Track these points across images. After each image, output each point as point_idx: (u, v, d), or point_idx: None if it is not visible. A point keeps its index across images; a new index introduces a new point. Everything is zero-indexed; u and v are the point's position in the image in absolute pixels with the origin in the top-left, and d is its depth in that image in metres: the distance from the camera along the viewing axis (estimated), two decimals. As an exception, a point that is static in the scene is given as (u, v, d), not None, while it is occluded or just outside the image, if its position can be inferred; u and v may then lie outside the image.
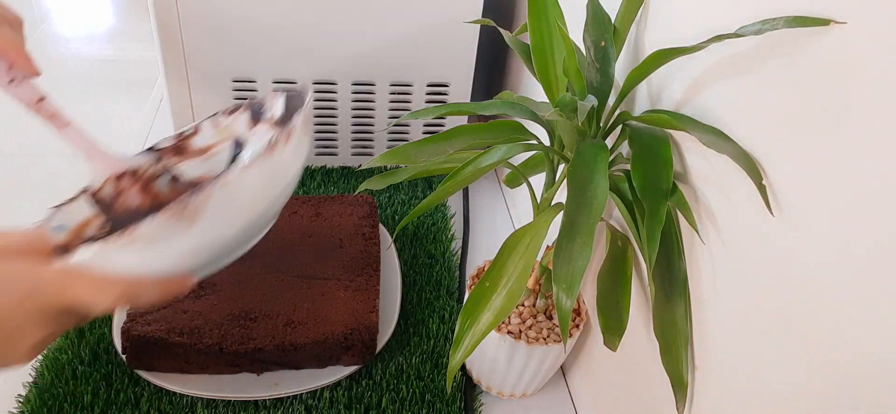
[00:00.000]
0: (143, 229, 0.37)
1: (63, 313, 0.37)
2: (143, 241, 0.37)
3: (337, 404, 0.62)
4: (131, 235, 0.37)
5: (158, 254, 0.39)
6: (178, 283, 0.41)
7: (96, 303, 0.37)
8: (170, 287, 0.41)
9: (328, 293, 0.66)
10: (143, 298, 0.39)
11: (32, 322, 0.36)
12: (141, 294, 0.39)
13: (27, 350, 0.36)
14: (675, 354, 0.45)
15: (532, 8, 0.50)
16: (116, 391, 0.61)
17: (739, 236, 0.41)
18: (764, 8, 0.37)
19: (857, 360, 0.32)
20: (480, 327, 0.47)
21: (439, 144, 0.51)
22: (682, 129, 0.42)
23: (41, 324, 0.36)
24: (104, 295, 0.37)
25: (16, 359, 0.37)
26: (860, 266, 0.32)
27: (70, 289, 0.36)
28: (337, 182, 0.93)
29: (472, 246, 0.86)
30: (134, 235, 0.37)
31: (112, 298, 0.38)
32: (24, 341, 0.36)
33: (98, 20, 1.46)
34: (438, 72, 0.87)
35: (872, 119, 0.31)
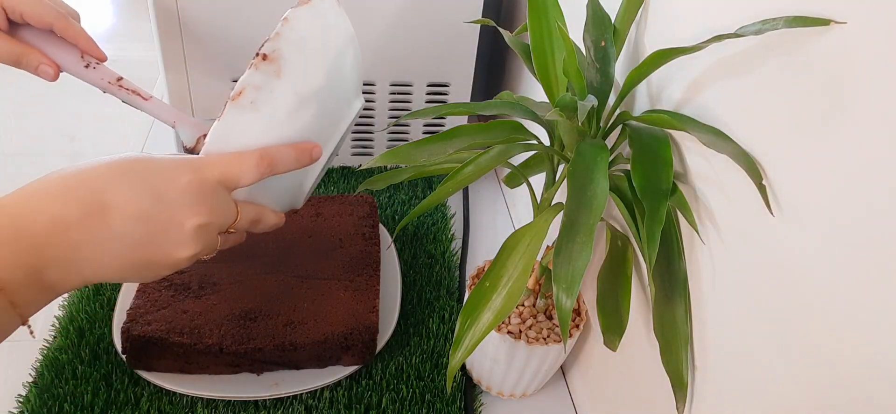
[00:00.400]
0: (240, 86, 0.42)
1: (214, 190, 0.40)
2: (246, 100, 0.42)
3: (337, 404, 0.62)
4: (233, 97, 0.42)
5: (269, 115, 0.43)
6: (308, 149, 0.45)
7: (241, 172, 0.41)
8: (302, 153, 0.45)
9: (328, 293, 0.66)
10: (281, 164, 0.43)
11: (188, 203, 0.38)
12: (277, 159, 0.43)
13: (192, 231, 0.39)
14: (675, 354, 0.45)
15: (532, 8, 0.50)
16: (116, 391, 0.61)
17: (739, 236, 0.41)
18: (764, 8, 0.37)
19: (856, 359, 0.32)
20: (480, 327, 0.47)
21: (439, 144, 0.51)
22: (682, 129, 0.42)
23: (197, 204, 0.39)
24: (245, 164, 0.41)
25: (183, 242, 0.39)
26: (860, 266, 0.32)
27: (215, 165, 0.41)
28: (337, 182, 0.93)
29: (472, 246, 0.86)
30: (235, 96, 0.42)
31: (252, 165, 0.42)
32: (185, 223, 0.39)
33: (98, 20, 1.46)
34: (438, 72, 0.87)
35: (872, 119, 0.31)
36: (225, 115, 0.42)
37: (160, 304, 0.63)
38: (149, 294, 0.64)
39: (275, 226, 0.49)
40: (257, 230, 0.47)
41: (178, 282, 0.66)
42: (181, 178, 0.39)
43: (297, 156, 0.45)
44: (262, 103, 0.43)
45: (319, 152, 0.46)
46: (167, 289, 0.65)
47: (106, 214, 0.36)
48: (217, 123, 0.43)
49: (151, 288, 0.65)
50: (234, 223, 0.44)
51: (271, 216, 0.48)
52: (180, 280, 0.66)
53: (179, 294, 0.65)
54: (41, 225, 0.34)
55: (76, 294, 0.70)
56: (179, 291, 0.65)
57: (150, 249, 0.38)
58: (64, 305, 0.70)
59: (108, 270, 0.38)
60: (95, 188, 0.36)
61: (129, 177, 0.37)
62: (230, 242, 0.47)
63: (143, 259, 0.38)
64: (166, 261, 0.40)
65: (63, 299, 0.71)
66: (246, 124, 0.43)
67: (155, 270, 0.40)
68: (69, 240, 0.35)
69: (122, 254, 0.37)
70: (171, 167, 0.39)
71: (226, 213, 0.42)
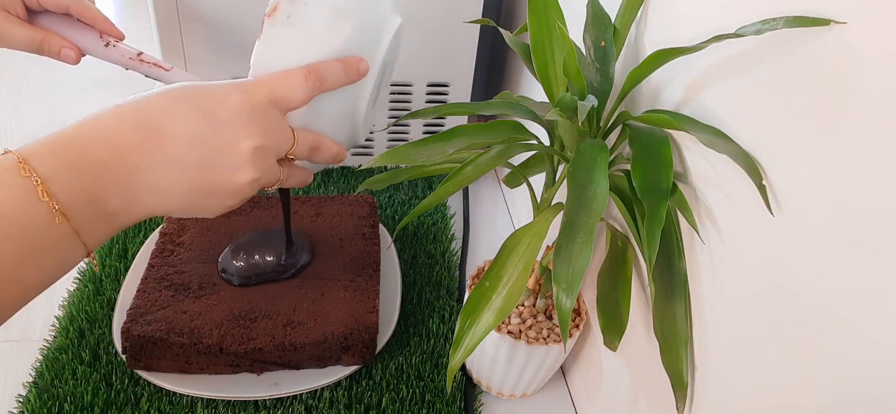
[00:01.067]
0: (274, 2, 0.42)
1: (266, 110, 0.40)
2: (282, 15, 0.42)
3: (337, 404, 0.62)
4: (268, 13, 0.42)
5: (306, 29, 0.43)
6: (355, 62, 0.45)
7: (289, 89, 0.41)
8: (349, 66, 0.45)
9: (328, 293, 0.66)
10: (329, 78, 0.43)
11: (241, 124, 0.38)
12: (325, 74, 0.43)
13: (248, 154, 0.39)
14: (675, 354, 0.45)
15: (532, 8, 0.50)
16: (116, 391, 0.61)
17: (739, 236, 0.41)
18: (764, 8, 0.37)
19: (857, 359, 0.32)
20: (480, 327, 0.47)
21: (439, 144, 0.51)
22: (682, 129, 0.42)
23: (250, 124, 0.39)
24: (292, 80, 0.41)
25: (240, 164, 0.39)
26: (860, 266, 0.32)
27: (264, 85, 0.41)
28: (337, 182, 0.93)
29: (472, 246, 0.86)
30: (271, 12, 0.42)
31: (300, 80, 0.41)
32: (240, 144, 0.38)
33: (98, 20, 1.46)
34: (438, 72, 0.87)
35: (872, 119, 0.31)
36: (263, 33, 0.42)
37: (160, 304, 0.63)
38: (149, 294, 0.64)
39: (336, 157, 0.48)
40: (318, 160, 0.47)
41: (178, 282, 0.66)
42: (232, 99, 0.39)
43: (345, 69, 0.44)
44: (297, 17, 0.43)
45: (366, 67, 0.46)
46: (167, 289, 0.65)
47: (161, 138, 0.36)
48: (258, 43, 0.42)
49: (151, 288, 0.65)
50: (292, 149, 0.43)
51: (331, 145, 0.47)
52: (180, 280, 0.66)
53: (179, 294, 0.65)
54: (98, 150, 0.35)
55: (76, 294, 0.70)
56: (179, 291, 0.65)
57: (207, 172, 0.38)
58: (64, 305, 0.70)
59: (169, 197, 0.37)
60: (150, 113, 0.37)
61: (181, 102, 0.38)
62: (295, 178, 0.47)
63: (203, 184, 0.38)
64: (226, 186, 0.39)
65: (63, 299, 0.71)
66: (285, 41, 0.43)
67: (218, 198, 0.40)
68: (127, 164, 0.35)
69: (180, 179, 0.37)
70: (221, 90, 0.39)
71: (281, 135, 0.42)
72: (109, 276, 0.72)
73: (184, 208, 0.39)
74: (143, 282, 0.66)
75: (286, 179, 0.46)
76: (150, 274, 0.67)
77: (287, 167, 0.45)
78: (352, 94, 0.48)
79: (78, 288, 0.71)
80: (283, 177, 0.44)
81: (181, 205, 0.38)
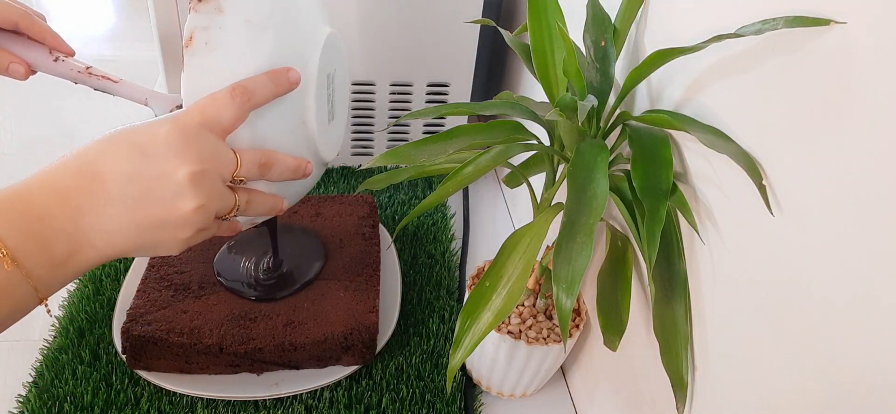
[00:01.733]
0: (188, 32, 0.42)
1: (197, 134, 0.40)
2: (200, 43, 0.42)
3: (337, 404, 0.62)
4: (186, 44, 0.42)
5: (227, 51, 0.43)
6: (283, 72, 0.45)
7: (217, 109, 0.41)
8: (277, 76, 0.44)
9: (328, 293, 0.66)
10: (259, 92, 0.43)
11: (173, 153, 0.38)
12: (252, 88, 0.43)
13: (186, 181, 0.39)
14: (675, 354, 0.45)
15: (532, 8, 0.50)
16: (116, 391, 0.61)
17: (739, 236, 0.41)
18: (764, 8, 0.37)
19: (856, 359, 0.32)
20: (480, 327, 0.47)
21: (439, 144, 0.51)
22: (682, 129, 0.42)
23: (182, 151, 0.39)
24: (218, 100, 0.41)
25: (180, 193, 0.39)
26: (860, 266, 0.32)
27: (191, 111, 0.41)
28: (337, 182, 0.93)
29: (472, 246, 0.86)
30: (187, 43, 0.42)
31: (226, 98, 0.41)
32: (176, 173, 0.39)
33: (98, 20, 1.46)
34: (438, 72, 0.87)
35: (873, 119, 0.31)
36: (185, 65, 0.42)
37: (160, 304, 0.63)
38: (149, 294, 0.64)
39: (296, 171, 0.48)
40: (273, 177, 0.46)
41: (178, 282, 0.66)
42: (162, 130, 0.39)
43: (273, 80, 0.44)
44: (215, 42, 0.43)
45: (297, 76, 0.45)
46: (167, 289, 0.65)
47: (100, 178, 0.37)
48: (183, 75, 0.43)
49: (151, 288, 0.65)
50: (238, 170, 0.43)
51: (286, 159, 0.47)
52: (180, 280, 0.66)
53: (179, 294, 0.65)
54: (43, 197, 0.36)
55: (76, 294, 0.70)
56: (179, 291, 0.65)
57: (150, 206, 0.38)
58: (64, 305, 0.70)
59: (118, 236, 0.38)
60: (88, 158, 0.38)
61: (115, 142, 0.38)
62: (260, 203, 0.47)
63: (147, 218, 0.39)
64: (171, 216, 0.39)
65: (63, 299, 0.71)
66: (208, 67, 0.43)
67: (168, 231, 0.40)
68: (70, 206, 0.37)
69: (124, 216, 0.38)
70: (152, 125, 0.40)
71: (220, 157, 0.42)
72: (109, 276, 0.72)
73: (137, 246, 0.40)
74: (143, 282, 0.66)
75: (249, 205, 0.46)
76: (150, 274, 0.67)
77: (244, 192, 0.45)
78: (294, 107, 0.48)
79: (78, 288, 0.71)
80: (241, 202, 0.44)
81: (132, 243, 0.39)
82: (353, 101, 0.88)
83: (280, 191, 0.50)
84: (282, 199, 0.49)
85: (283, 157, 0.46)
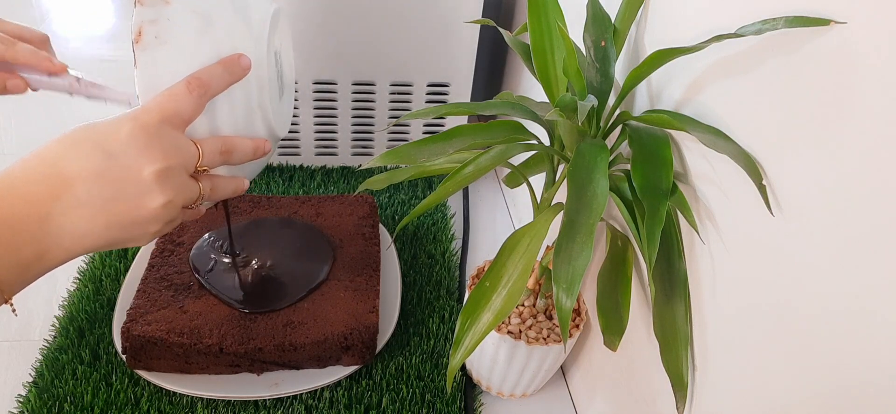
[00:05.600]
0: (136, 28, 0.42)
1: (158, 131, 0.40)
2: (150, 37, 0.42)
3: (337, 404, 0.62)
4: (135, 40, 0.42)
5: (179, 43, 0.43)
6: (234, 59, 0.45)
7: (175, 103, 0.41)
8: (230, 64, 0.44)
9: (328, 293, 0.66)
10: (214, 82, 0.43)
11: (136, 151, 0.39)
12: (206, 79, 0.43)
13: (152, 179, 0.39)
14: (675, 354, 0.45)
15: (532, 8, 0.50)
16: (116, 391, 0.61)
17: (739, 236, 0.41)
18: (764, 8, 0.37)
19: (856, 359, 0.32)
20: (480, 327, 0.47)
21: (439, 144, 0.51)
22: (682, 129, 0.42)
23: (145, 149, 0.39)
24: (175, 94, 0.41)
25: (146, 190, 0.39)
26: (860, 266, 0.32)
27: (150, 108, 0.41)
28: (337, 182, 0.93)
29: (472, 246, 0.86)
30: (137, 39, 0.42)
31: (182, 92, 0.42)
32: (141, 171, 0.39)
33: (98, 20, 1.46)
34: (438, 72, 0.87)
35: (872, 119, 0.31)
36: (137, 61, 0.42)
37: (160, 304, 0.63)
38: (149, 294, 0.64)
39: (256, 151, 0.48)
40: (235, 161, 0.47)
41: (178, 282, 0.66)
42: (123, 129, 0.39)
43: (227, 68, 0.44)
44: (165, 34, 0.43)
45: (248, 61, 0.46)
46: (167, 289, 0.65)
47: (66, 182, 0.38)
48: (136, 72, 0.43)
49: (151, 288, 0.65)
50: (200, 160, 0.43)
51: (244, 143, 0.47)
52: (180, 280, 0.66)
53: (179, 294, 0.65)
54: (10, 205, 0.37)
55: (76, 294, 0.70)
56: (179, 291, 0.65)
57: (118, 205, 0.39)
58: (64, 305, 0.70)
59: (88, 237, 0.39)
60: (52, 162, 0.38)
61: (78, 143, 0.39)
62: (223, 188, 0.47)
63: (117, 217, 0.39)
64: (141, 213, 0.40)
65: (63, 299, 0.71)
66: (162, 61, 0.43)
67: (139, 227, 0.40)
68: (38, 213, 0.37)
69: (95, 217, 0.38)
70: (112, 124, 0.40)
71: (183, 150, 0.42)
72: (109, 276, 0.72)
73: (107, 243, 0.40)
74: (143, 282, 0.66)
75: (213, 191, 0.46)
76: (150, 274, 0.67)
77: (207, 179, 0.45)
78: (247, 90, 0.48)
79: (78, 288, 0.71)
80: (205, 190, 0.45)
81: (102, 241, 0.40)
82: (352, 102, 0.88)
83: (238, 172, 0.51)
84: (242, 179, 0.50)
85: (242, 141, 0.47)
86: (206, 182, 0.45)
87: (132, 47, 0.42)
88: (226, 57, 0.45)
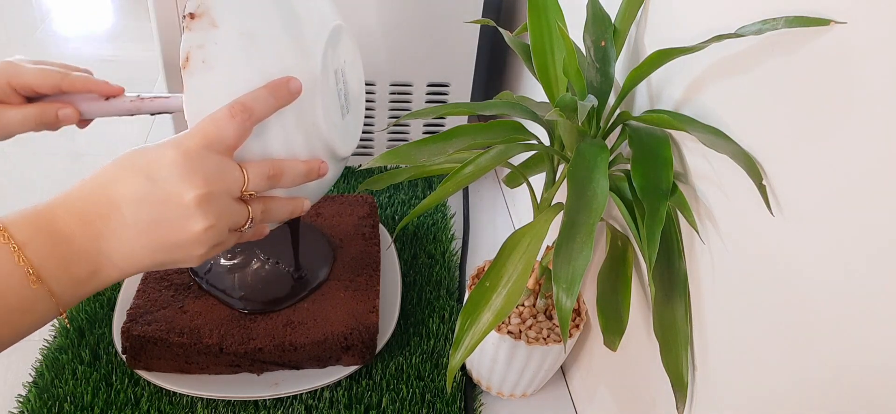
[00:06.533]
0: (184, 53, 0.42)
1: (200, 157, 0.40)
2: (197, 62, 0.42)
3: (337, 404, 0.62)
4: (183, 66, 0.42)
5: (226, 66, 0.43)
6: (283, 82, 0.44)
7: (218, 129, 0.41)
8: (276, 88, 0.44)
9: (328, 293, 0.66)
10: (258, 107, 0.43)
11: (179, 177, 0.39)
12: (251, 104, 0.42)
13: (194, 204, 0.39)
14: (675, 354, 0.45)
15: (532, 8, 0.50)
16: (116, 391, 0.61)
17: (739, 236, 0.41)
18: (764, 8, 0.37)
19: (856, 359, 0.32)
20: (480, 327, 0.47)
21: (439, 144, 0.51)
22: (682, 129, 0.42)
23: (188, 175, 0.39)
24: (218, 119, 0.41)
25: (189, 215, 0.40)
26: (860, 266, 0.32)
27: (194, 134, 0.41)
28: (337, 182, 0.93)
29: (472, 246, 0.86)
30: (184, 64, 0.42)
31: (225, 117, 0.41)
32: (183, 197, 0.39)
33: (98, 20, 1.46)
34: (438, 72, 0.87)
35: (872, 119, 0.31)
36: (185, 87, 0.42)
37: (160, 303, 0.63)
38: (149, 294, 0.64)
39: (307, 175, 0.47)
40: (285, 184, 0.46)
41: (178, 282, 0.66)
42: (166, 155, 0.39)
43: (273, 93, 0.43)
44: (212, 59, 0.42)
45: (298, 84, 0.44)
46: (167, 289, 0.65)
47: (115, 205, 0.39)
48: (183, 98, 0.42)
49: (151, 288, 0.65)
50: (246, 185, 0.43)
51: (297, 165, 0.46)
52: (180, 280, 0.66)
53: (179, 294, 0.65)
54: (67, 222, 0.38)
55: (76, 294, 0.70)
56: (179, 291, 0.65)
57: (163, 228, 0.40)
58: (64, 305, 0.70)
59: (136, 258, 0.40)
60: (104, 184, 0.39)
61: (126, 168, 0.40)
62: (279, 210, 0.47)
63: (161, 240, 0.40)
64: (184, 237, 0.40)
65: (63, 299, 0.71)
66: (209, 86, 0.42)
67: (183, 250, 0.41)
68: (92, 232, 0.38)
69: (140, 239, 0.39)
70: (157, 149, 0.40)
71: (227, 176, 0.42)
72: (109, 276, 0.72)
73: (155, 264, 0.41)
74: (143, 282, 0.66)
75: (266, 214, 0.46)
76: (150, 274, 0.67)
77: (258, 202, 0.45)
78: (301, 112, 0.46)
79: (78, 288, 0.71)
80: (256, 213, 0.44)
81: (150, 262, 0.41)
82: (353, 101, 0.88)
83: (300, 192, 0.49)
84: (302, 200, 0.49)
85: (293, 164, 0.46)
86: (258, 205, 0.45)
87: (181, 73, 0.42)
88: (273, 80, 0.44)
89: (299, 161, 0.47)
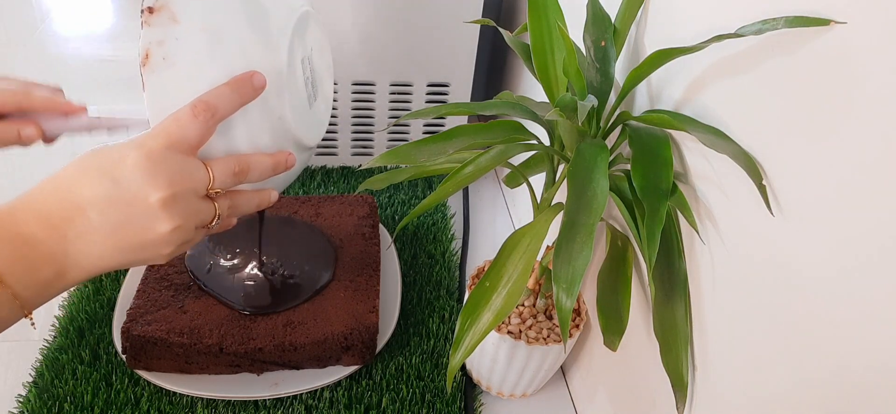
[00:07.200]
0: (143, 50, 0.40)
1: (163, 158, 0.40)
2: (158, 59, 0.41)
3: (337, 404, 0.62)
4: (142, 63, 0.41)
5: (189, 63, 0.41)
6: (246, 78, 0.43)
7: (180, 128, 0.40)
8: (240, 84, 0.43)
9: (328, 293, 0.66)
10: (222, 105, 0.42)
11: (143, 179, 0.39)
12: (214, 102, 0.42)
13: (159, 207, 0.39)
14: (675, 354, 0.45)
15: (532, 8, 0.50)
16: (116, 391, 0.61)
17: (739, 236, 0.41)
18: (764, 8, 0.37)
19: (856, 359, 0.32)
20: (480, 327, 0.47)
21: (439, 144, 0.51)
22: (682, 129, 0.42)
23: (151, 176, 0.39)
24: (181, 119, 0.41)
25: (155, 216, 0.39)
26: (860, 266, 0.32)
27: (156, 134, 0.40)
28: (337, 182, 0.93)
29: (472, 246, 0.86)
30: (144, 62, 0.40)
31: (187, 116, 0.41)
32: (147, 199, 0.39)
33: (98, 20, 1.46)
34: (438, 72, 0.87)
35: (872, 119, 0.31)
36: (145, 84, 0.41)
37: (160, 304, 0.63)
38: (149, 294, 0.64)
39: (274, 168, 0.46)
40: (252, 179, 0.45)
41: (178, 282, 0.66)
42: (128, 158, 0.39)
43: (236, 89, 0.42)
44: (173, 55, 0.41)
45: (262, 79, 0.43)
46: (167, 289, 0.65)
47: (80, 207, 0.38)
48: (144, 96, 0.41)
49: (151, 288, 0.65)
50: (211, 183, 0.42)
51: (263, 159, 0.45)
52: (180, 280, 0.66)
53: (179, 294, 0.65)
54: (30, 225, 0.38)
55: (76, 294, 0.70)
56: (179, 291, 0.65)
57: (129, 230, 0.39)
58: (64, 305, 0.70)
59: (104, 258, 0.40)
60: (68, 187, 0.39)
61: (88, 170, 0.39)
62: (245, 203, 0.46)
63: (129, 242, 0.40)
64: (150, 238, 0.40)
65: (63, 299, 0.71)
66: (171, 84, 0.41)
67: (150, 250, 0.41)
68: (56, 234, 0.38)
69: (107, 242, 0.39)
70: (119, 150, 0.40)
71: (191, 175, 0.41)
72: (109, 276, 0.72)
73: (122, 263, 0.41)
74: (143, 282, 0.66)
75: (233, 209, 0.45)
76: (150, 274, 0.67)
77: (225, 198, 0.45)
78: (266, 106, 0.45)
79: (78, 288, 0.71)
80: (223, 209, 0.44)
81: (117, 262, 0.40)
82: (352, 102, 0.88)
83: (267, 183, 0.48)
84: (269, 191, 0.49)
85: (259, 158, 0.46)
86: (224, 201, 0.45)
87: (140, 71, 0.41)
88: (236, 76, 0.43)
89: (266, 155, 0.46)
